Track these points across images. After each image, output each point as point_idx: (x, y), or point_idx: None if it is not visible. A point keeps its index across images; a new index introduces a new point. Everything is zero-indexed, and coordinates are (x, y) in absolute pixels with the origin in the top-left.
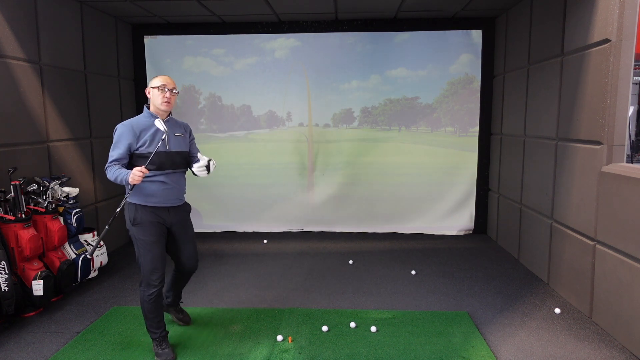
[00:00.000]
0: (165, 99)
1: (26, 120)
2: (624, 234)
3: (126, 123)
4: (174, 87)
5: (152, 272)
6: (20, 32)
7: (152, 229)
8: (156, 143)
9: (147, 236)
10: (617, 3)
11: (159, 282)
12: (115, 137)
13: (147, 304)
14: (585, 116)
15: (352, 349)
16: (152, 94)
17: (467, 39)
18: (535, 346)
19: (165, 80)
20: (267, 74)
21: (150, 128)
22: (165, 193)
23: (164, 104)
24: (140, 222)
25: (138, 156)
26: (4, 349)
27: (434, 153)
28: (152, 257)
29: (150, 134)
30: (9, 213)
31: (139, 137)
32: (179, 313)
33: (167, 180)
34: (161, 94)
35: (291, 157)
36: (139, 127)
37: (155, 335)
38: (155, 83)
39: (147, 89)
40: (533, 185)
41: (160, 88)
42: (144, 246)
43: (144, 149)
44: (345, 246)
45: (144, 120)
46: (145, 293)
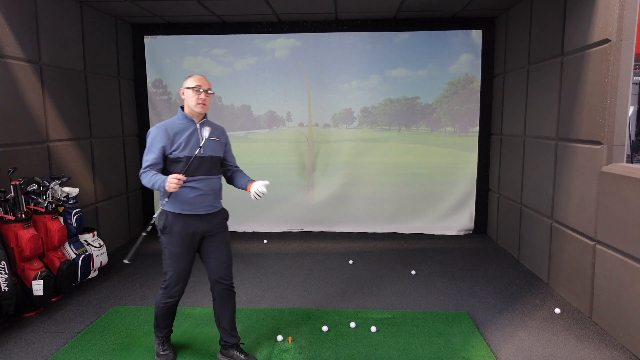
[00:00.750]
0: (200, 100)
1: (26, 120)
2: (624, 234)
3: (160, 126)
4: (209, 87)
5: (175, 284)
6: (20, 32)
7: (180, 239)
8: (191, 147)
9: (175, 247)
10: (617, 3)
11: (180, 294)
12: (148, 141)
13: (161, 309)
14: (585, 116)
15: (352, 349)
16: (186, 94)
17: (467, 39)
18: (535, 346)
19: (200, 80)
20: (267, 74)
21: (184, 131)
22: (198, 200)
23: (199, 106)
24: (169, 232)
25: (171, 160)
26: (4, 349)
27: (434, 153)
28: (177, 269)
29: (186, 137)
30: (9, 213)
31: (173, 140)
32: (241, 354)
33: (200, 186)
34: (196, 95)
35: (291, 157)
36: (173, 129)
37: (160, 334)
38: (190, 83)
39: (181, 90)
40: (533, 185)
41: (195, 89)
42: (171, 256)
43: (178, 152)
44: (345, 246)
45: (178, 122)
46: (163, 298)
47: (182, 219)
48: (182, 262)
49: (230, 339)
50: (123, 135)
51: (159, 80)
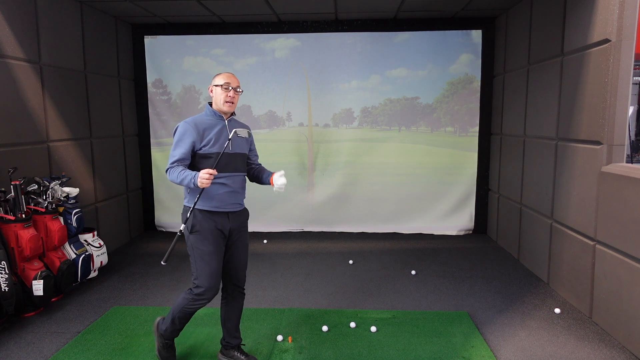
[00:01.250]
0: (229, 98)
1: (26, 120)
2: (624, 234)
3: (189, 121)
4: (238, 85)
5: (209, 287)
6: (20, 32)
7: (212, 237)
8: (221, 143)
9: (205, 245)
10: (617, 3)
11: (209, 299)
12: (177, 136)
13: (182, 312)
14: (585, 116)
15: (352, 349)
16: (214, 92)
17: (467, 39)
18: (535, 346)
19: (229, 77)
20: (267, 74)
21: (214, 127)
22: (226, 197)
23: (227, 104)
24: (199, 230)
25: (201, 156)
26: (4, 349)
27: (434, 153)
28: (210, 271)
29: (215, 133)
30: (9, 213)
31: (202, 135)
32: (242, 355)
33: (229, 183)
34: (224, 92)
35: (291, 157)
36: (202, 125)
37: (168, 339)
38: (219, 81)
39: (210, 87)
40: (533, 185)
41: (223, 86)
42: (202, 257)
43: (208, 148)
44: (345, 246)
45: (207, 118)
46: (190, 302)
47: (212, 216)
48: (215, 262)
49: (232, 340)
50: (123, 135)
51: (159, 80)
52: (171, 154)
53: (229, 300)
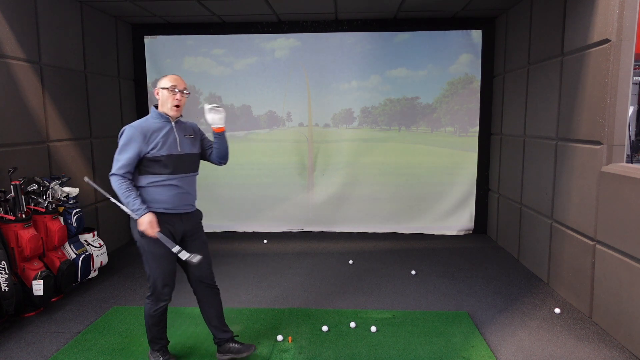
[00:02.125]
0: (176, 101)
1: (26, 120)
2: (624, 234)
3: (135, 125)
4: (185, 87)
5: (164, 287)
6: (20, 32)
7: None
8: (169, 145)
9: (158, 248)
10: (617, 3)
11: (169, 297)
12: (123, 140)
13: (152, 318)
14: (585, 116)
15: (352, 349)
16: (161, 95)
17: (467, 39)
18: (535, 346)
19: (175, 80)
20: (267, 74)
21: (161, 130)
22: (178, 198)
23: (174, 108)
24: None
25: (150, 160)
26: (4, 349)
27: (434, 153)
28: (163, 271)
29: (162, 136)
30: (9, 213)
31: (149, 140)
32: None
33: (180, 184)
34: (171, 95)
35: (291, 157)
36: (149, 129)
37: (157, 347)
38: (165, 84)
39: (156, 90)
40: (533, 185)
41: (170, 89)
42: (155, 259)
43: (156, 151)
44: (345, 246)
45: (153, 121)
46: (153, 307)
47: (164, 218)
48: (167, 263)
49: (224, 335)
50: None
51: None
52: (116, 158)
53: (202, 300)
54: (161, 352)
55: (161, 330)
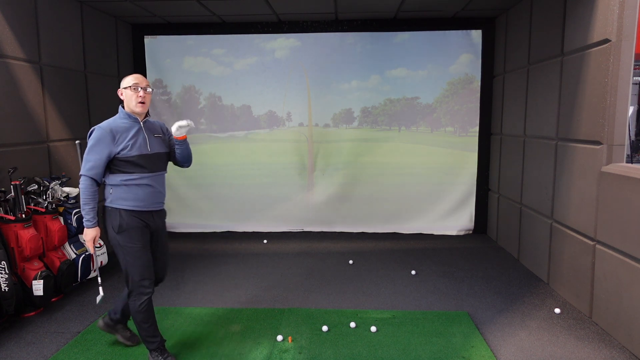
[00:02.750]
0: (140, 98)
1: (26, 120)
2: (624, 234)
3: (104, 126)
4: (148, 85)
5: (143, 280)
6: (20, 32)
7: (139, 234)
8: (139, 146)
9: (134, 242)
10: (617, 3)
11: (151, 289)
12: (92, 141)
13: (140, 314)
14: (585, 116)
15: (352, 349)
16: (125, 95)
17: (467, 39)
18: (535, 346)
19: (137, 78)
20: (267, 74)
21: (130, 130)
22: (151, 196)
23: (139, 105)
24: (126, 229)
25: (121, 160)
26: (4, 349)
27: (434, 153)
28: (141, 264)
29: (132, 137)
30: (9, 213)
31: (118, 140)
32: (126, 331)
33: (153, 183)
34: (135, 93)
35: (291, 157)
36: (117, 130)
37: (153, 345)
38: (127, 83)
39: (119, 90)
40: (533, 185)
41: (132, 87)
42: (133, 253)
43: (127, 152)
44: (345, 246)
45: (121, 122)
46: (136, 303)
47: (138, 215)
48: (145, 257)
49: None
50: None
51: (159, 80)
52: (85, 158)
53: None
54: (159, 352)
55: (152, 326)
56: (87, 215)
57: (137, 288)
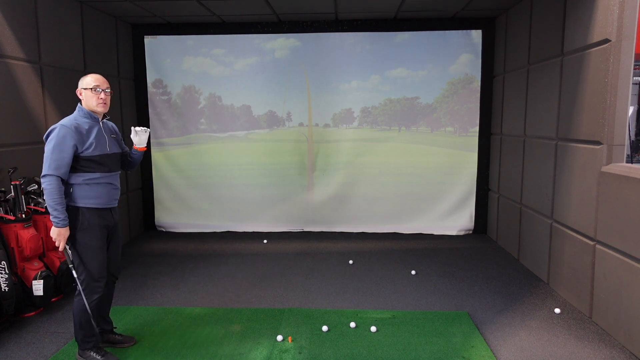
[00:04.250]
0: (101, 100)
1: (26, 120)
2: (624, 234)
3: (68, 124)
4: (108, 86)
5: (99, 278)
6: (20, 32)
7: (99, 232)
8: (101, 145)
9: (94, 240)
10: (617, 3)
11: (103, 286)
12: (57, 139)
13: (86, 313)
14: (585, 116)
15: (352, 349)
16: (84, 95)
17: (467, 39)
18: (535, 346)
19: (97, 80)
20: (267, 74)
21: (92, 129)
22: (111, 194)
23: (100, 106)
24: (87, 227)
25: (84, 159)
26: (4, 349)
27: (434, 153)
28: (99, 262)
29: (95, 136)
30: (9, 213)
31: (83, 139)
32: (118, 336)
33: (112, 182)
34: (95, 95)
35: (291, 157)
36: (82, 128)
37: (90, 345)
38: (87, 84)
39: (78, 90)
40: (533, 185)
41: (93, 89)
42: (92, 250)
43: (90, 151)
44: (345, 246)
45: (84, 121)
46: (88, 300)
47: (98, 213)
48: (102, 255)
49: (107, 326)
50: (123, 135)
51: (159, 80)
52: (50, 157)
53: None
54: (95, 350)
55: (92, 326)
56: (60, 214)
57: (91, 286)
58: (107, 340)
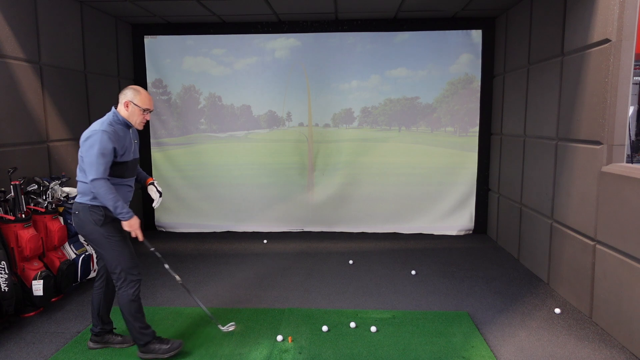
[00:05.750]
0: (145, 121)
1: (26, 120)
2: (624, 234)
3: (109, 130)
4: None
5: (133, 267)
6: (20, 32)
7: (119, 226)
8: (132, 151)
9: (117, 233)
10: (617, 3)
11: (141, 276)
12: (100, 144)
13: (134, 303)
14: (585, 116)
15: (352, 349)
16: (131, 109)
17: (467, 39)
18: (535, 346)
19: (150, 103)
20: (267, 74)
21: (125, 137)
22: (127, 195)
23: (141, 125)
24: (110, 221)
25: (116, 164)
26: (4, 349)
27: (434, 153)
28: (129, 252)
29: (127, 143)
30: (9, 213)
31: (121, 145)
32: (117, 337)
33: (130, 184)
34: (142, 115)
35: (291, 157)
36: (119, 135)
37: (148, 337)
38: (142, 103)
39: (126, 101)
40: (533, 185)
41: (144, 110)
42: (119, 243)
43: (124, 157)
44: (345, 246)
45: (119, 127)
46: (129, 292)
47: None
48: (129, 246)
49: (107, 326)
50: None
51: (159, 80)
52: (96, 162)
53: (110, 289)
54: (157, 341)
55: (144, 316)
56: (123, 208)
57: (129, 276)
58: (107, 340)
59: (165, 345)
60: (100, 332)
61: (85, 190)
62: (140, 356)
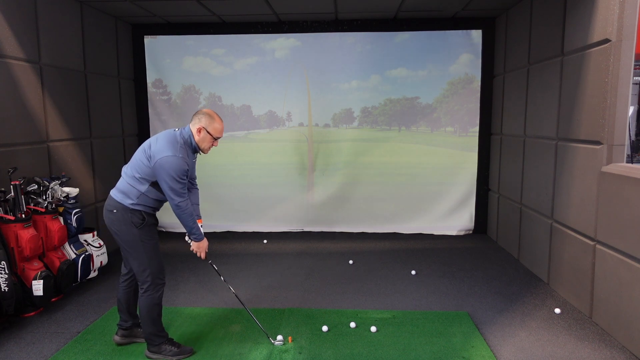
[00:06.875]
0: (213, 147)
1: (26, 120)
2: (624, 234)
3: (182, 155)
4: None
5: (161, 272)
6: (20, 32)
7: (155, 231)
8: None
9: (153, 238)
10: (617, 3)
11: (165, 279)
12: (178, 170)
13: (158, 307)
14: (585, 116)
15: (352, 349)
16: (203, 136)
17: (467, 39)
18: (535, 346)
19: (222, 132)
20: (267, 74)
21: (192, 159)
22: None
23: (208, 151)
24: (148, 225)
25: None
26: (4, 349)
27: (434, 153)
28: (159, 259)
29: (191, 165)
30: (9, 213)
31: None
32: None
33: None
34: (212, 142)
35: (291, 157)
36: (188, 159)
37: (162, 339)
38: (216, 132)
39: (200, 127)
40: (533, 185)
41: (215, 139)
42: (153, 248)
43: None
44: (345, 246)
45: (189, 152)
46: (155, 295)
47: (152, 215)
48: (159, 252)
49: (136, 319)
50: (123, 135)
51: (159, 80)
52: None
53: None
54: (169, 343)
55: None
56: (198, 230)
57: (156, 279)
58: (135, 334)
59: (175, 348)
60: (131, 327)
61: (130, 193)
62: (148, 355)
